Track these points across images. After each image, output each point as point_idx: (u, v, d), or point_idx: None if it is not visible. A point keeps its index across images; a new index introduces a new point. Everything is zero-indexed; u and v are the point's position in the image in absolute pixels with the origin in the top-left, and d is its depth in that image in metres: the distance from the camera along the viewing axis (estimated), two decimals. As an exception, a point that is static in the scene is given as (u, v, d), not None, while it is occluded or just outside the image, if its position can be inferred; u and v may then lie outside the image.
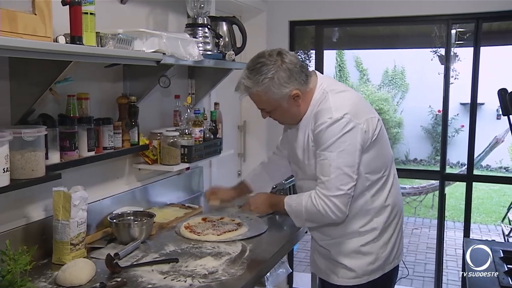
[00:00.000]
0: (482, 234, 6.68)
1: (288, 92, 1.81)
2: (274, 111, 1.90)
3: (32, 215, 1.94)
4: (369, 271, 1.90)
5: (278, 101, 1.83)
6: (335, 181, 1.75)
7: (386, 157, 1.93)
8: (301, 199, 1.85)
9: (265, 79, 1.78)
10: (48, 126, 1.78)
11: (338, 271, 1.93)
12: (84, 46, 1.67)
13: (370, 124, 1.82)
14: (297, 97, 1.84)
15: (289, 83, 1.80)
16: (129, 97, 2.33)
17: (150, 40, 2.06)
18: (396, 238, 1.97)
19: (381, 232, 1.91)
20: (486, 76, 4.65)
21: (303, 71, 1.84)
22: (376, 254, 1.90)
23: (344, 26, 5.89)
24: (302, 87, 1.84)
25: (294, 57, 1.85)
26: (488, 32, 5.10)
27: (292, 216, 1.91)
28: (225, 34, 2.82)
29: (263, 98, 1.84)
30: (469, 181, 3.58)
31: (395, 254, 1.97)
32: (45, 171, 1.73)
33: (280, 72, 1.79)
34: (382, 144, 1.89)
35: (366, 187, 1.86)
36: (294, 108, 1.87)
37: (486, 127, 7.57)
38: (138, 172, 2.55)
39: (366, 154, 1.82)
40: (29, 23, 1.49)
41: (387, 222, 1.92)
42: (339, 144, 1.75)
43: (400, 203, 2.01)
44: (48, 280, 1.73)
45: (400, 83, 11.12)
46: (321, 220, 1.84)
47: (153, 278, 1.75)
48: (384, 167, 1.91)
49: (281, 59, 1.80)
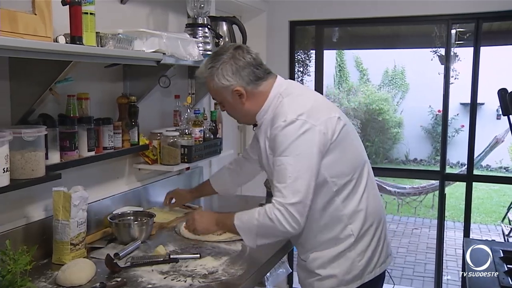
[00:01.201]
0: (482, 234, 6.68)
1: (229, 86, 1.77)
2: (223, 104, 1.88)
3: (32, 215, 1.94)
4: (345, 281, 1.79)
5: (221, 93, 1.81)
6: (292, 187, 1.64)
7: (353, 159, 1.82)
8: (254, 211, 1.73)
9: (212, 67, 1.79)
10: (48, 126, 1.78)
11: (314, 283, 1.85)
12: (84, 46, 1.67)
13: (329, 124, 1.72)
14: (240, 95, 1.79)
15: (231, 77, 1.77)
16: (129, 97, 2.33)
17: (150, 40, 2.06)
18: (376, 245, 1.84)
19: (357, 239, 1.79)
20: (486, 76, 4.65)
21: (255, 71, 1.79)
22: (352, 263, 1.79)
23: (344, 26, 5.90)
24: (248, 86, 1.78)
25: (252, 56, 1.80)
26: (488, 32, 5.11)
27: (242, 232, 1.77)
28: (225, 34, 2.83)
29: (210, 85, 1.83)
30: (469, 181, 3.58)
31: (376, 263, 1.84)
32: (45, 171, 1.73)
33: (226, 65, 1.77)
34: (346, 145, 1.78)
35: (334, 192, 1.76)
36: (239, 105, 1.82)
37: (486, 127, 7.58)
38: (138, 172, 2.55)
39: (328, 157, 1.72)
40: (30, 23, 1.49)
41: (363, 228, 1.80)
42: (295, 148, 1.66)
43: (378, 208, 1.89)
44: (48, 280, 1.73)
45: (400, 83, 11.11)
46: (275, 233, 1.72)
47: (153, 278, 1.75)
48: (352, 170, 1.79)
49: (234, 54, 1.78)
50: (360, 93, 10.83)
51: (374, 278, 1.85)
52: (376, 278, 1.87)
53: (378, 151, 10.20)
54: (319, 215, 1.78)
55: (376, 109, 10.31)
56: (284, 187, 1.65)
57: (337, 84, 11.09)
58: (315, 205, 1.75)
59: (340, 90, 10.96)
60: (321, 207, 1.77)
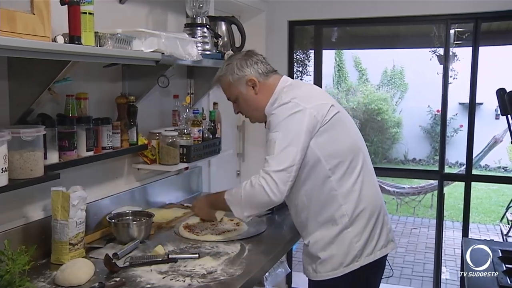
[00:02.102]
0: (480, 234, 6.68)
1: (244, 76, 2.00)
2: (238, 101, 2.06)
3: (31, 215, 1.93)
4: (345, 263, 1.88)
5: (237, 86, 2.02)
6: (277, 157, 1.81)
7: (346, 143, 1.93)
8: (242, 183, 1.91)
9: (228, 64, 2.04)
10: (47, 126, 1.78)
11: (316, 267, 1.93)
12: (82, 46, 1.67)
13: (320, 109, 1.87)
14: (253, 84, 2.00)
15: (246, 69, 2.00)
16: (128, 97, 2.33)
17: (149, 40, 2.06)
18: (372, 228, 1.93)
19: (351, 220, 1.89)
20: (484, 76, 4.65)
21: (265, 66, 2.04)
22: (349, 243, 1.88)
23: (343, 26, 5.91)
24: (260, 77, 2.01)
25: (261, 55, 2.08)
26: (487, 32, 5.12)
27: (231, 204, 1.95)
28: (224, 34, 2.83)
29: (227, 81, 2.03)
30: (468, 181, 3.58)
31: (374, 245, 1.93)
32: (44, 171, 1.73)
33: (241, 60, 2.02)
34: (339, 130, 1.92)
35: (328, 171, 1.87)
36: (252, 97, 2.01)
37: (484, 127, 7.58)
38: (137, 172, 2.55)
39: (320, 138, 1.86)
40: (28, 23, 1.49)
41: (356, 210, 1.89)
42: (285, 124, 1.84)
43: (374, 194, 1.98)
44: (47, 280, 1.73)
45: (399, 83, 11.11)
46: (259, 201, 1.86)
47: (152, 278, 1.75)
48: (344, 153, 1.90)
49: (246, 53, 2.06)
50: (359, 93, 10.83)
51: (374, 262, 1.93)
52: (376, 262, 1.94)
53: (377, 151, 10.19)
54: (316, 193, 1.91)
55: (375, 109, 10.30)
56: (271, 157, 1.82)
57: (336, 84, 11.09)
58: (311, 182, 1.90)
59: (339, 90, 10.95)
60: (318, 185, 1.89)
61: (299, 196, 1.94)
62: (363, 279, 1.94)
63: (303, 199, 1.94)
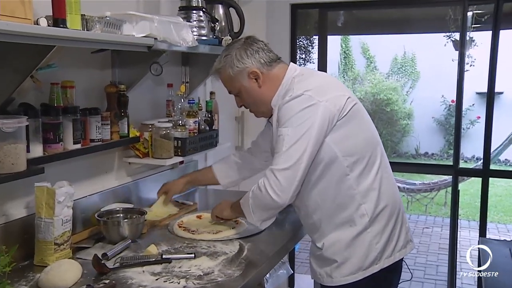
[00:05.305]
0: (500, 234, 6.67)
1: (244, 68, 1.95)
2: (241, 95, 2.02)
3: (12, 212, 1.93)
4: (364, 266, 1.88)
5: (238, 79, 1.97)
6: (284, 155, 1.79)
7: (366, 137, 1.93)
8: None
9: (227, 56, 1.98)
10: (29, 116, 1.77)
11: (331, 271, 1.91)
12: (68, 30, 1.66)
13: (337, 101, 1.85)
14: (256, 77, 1.96)
15: (246, 60, 1.95)
16: (118, 85, 2.33)
17: (140, 24, 2.05)
18: (393, 227, 1.93)
19: (371, 220, 1.88)
20: (505, 62, 4.63)
21: (267, 54, 1.99)
22: (369, 245, 1.88)
23: (349, 10, 5.87)
24: (262, 68, 1.96)
25: (262, 42, 2.02)
26: (509, 13, 5.06)
27: (244, 209, 1.97)
28: (221, 18, 2.82)
29: (226, 74, 1.99)
30: (485, 176, 3.57)
31: (394, 246, 1.93)
32: (27, 165, 1.72)
33: (240, 50, 1.96)
34: (357, 122, 1.91)
35: (346, 168, 1.86)
36: (256, 90, 1.98)
37: (504, 118, 7.55)
38: (128, 166, 2.55)
39: (337, 132, 1.84)
40: (6, 4, 1.47)
41: (377, 209, 1.89)
42: (296, 120, 1.80)
43: (393, 191, 1.99)
44: (30, 283, 1.73)
45: (410, 71, 11.11)
46: (263, 203, 1.86)
47: (144, 280, 1.75)
48: (363, 148, 1.90)
49: (245, 41, 2.00)
50: (366, 82, 10.83)
51: (393, 265, 1.93)
52: (395, 265, 1.94)
53: (386, 144, 10.17)
54: (332, 193, 1.88)
55: (384, 99, 10.31)
56: (278, 155, 1.81)
57: (342, 72, 11.09)
58: (326, 181, 1.87)
59: (345, 78, 10.96)
60: (334, 184, 1.87)
61: (311, 196, 1.92)
62: (383, 283, 1.95)
63: (316, 200, 1.91)
